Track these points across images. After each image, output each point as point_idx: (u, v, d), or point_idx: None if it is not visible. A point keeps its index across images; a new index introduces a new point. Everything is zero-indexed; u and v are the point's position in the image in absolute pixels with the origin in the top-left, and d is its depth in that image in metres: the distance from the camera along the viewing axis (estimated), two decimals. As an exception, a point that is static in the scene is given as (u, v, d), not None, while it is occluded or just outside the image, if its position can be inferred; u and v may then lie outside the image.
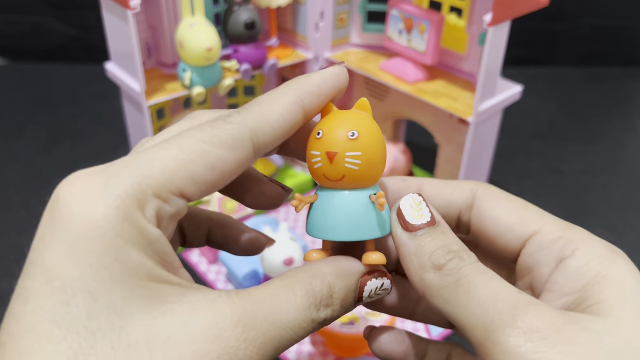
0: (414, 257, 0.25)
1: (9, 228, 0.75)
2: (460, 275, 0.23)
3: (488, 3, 0.60)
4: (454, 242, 0.25)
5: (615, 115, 1.08)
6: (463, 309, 0.23)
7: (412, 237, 0.25)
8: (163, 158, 0.22)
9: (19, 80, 1.15)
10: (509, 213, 0.27)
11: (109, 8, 0.59)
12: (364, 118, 0.27)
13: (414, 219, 0.25)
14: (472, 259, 0.24)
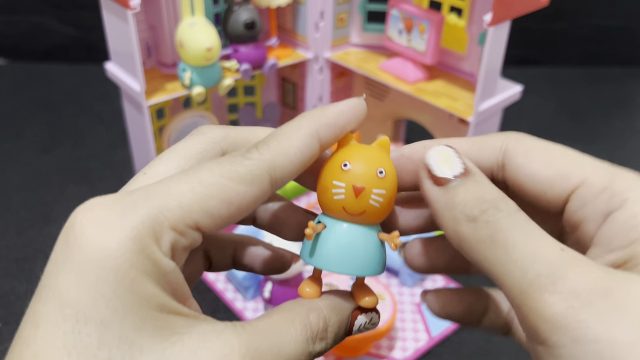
0: (446, 211, 0.23)
1: (9, 228, 0.75)
2: (497, 229, 0.22)
3: (488, 3, 0.60)
4: (489, 191, 0.23)
5: (615, 116, 1.08)
6: (500, 267, 0.21)
7: (443, 191, 0.24)
8: (182, 191, 0.22)
9: (19, 80, 1.15)
10: (546, 166, 0.25)
11: (109, 8, 0.59)
12: (387, 157, 0.27)
13: (444, 171, 0.24)
14: (511, 208, 0.22)
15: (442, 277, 0.68)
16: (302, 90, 0.78)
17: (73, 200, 0.81)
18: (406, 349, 0.59)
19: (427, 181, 0.24)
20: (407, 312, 0.63)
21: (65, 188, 0.83)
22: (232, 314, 0.63)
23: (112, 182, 0.85)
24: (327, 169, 0.26)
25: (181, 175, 0.23)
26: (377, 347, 0.59)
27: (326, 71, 0.75)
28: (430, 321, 0.62)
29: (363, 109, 0.26)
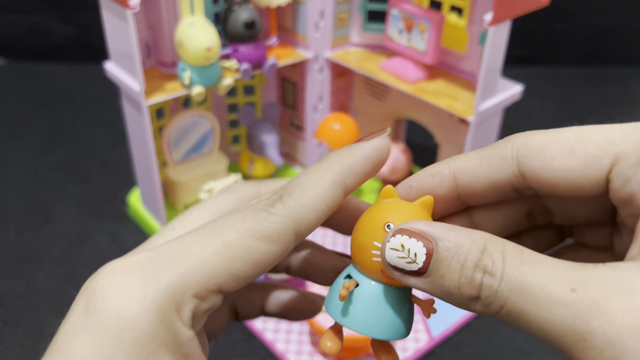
0: (447, 298, 0.21)
1: (8, 228, 0.75)
2: (502, 302, 0.20)
3: (488, 2, 0.60)
4: (467, 252, 0.21)
5: (616, 115, 1.08)
6: (532, 331, 0.20)
7: (429, 280, 0.21)
8: (205, 255, 0.22)
9: (18, 80, 1.15)
10: (570, 158, 0.22)
11: (108, 8, 0.58)
12: (429, 219, 0.25)
13: (412, 265, 0.22)
14: (498, 263, 0.20)
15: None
16: (302, 90, 0.77)
17: (72, 200, 0.81)
18: (406, 349, 0.59)
19: (407, 279, 0.22)
20: (407, 312, 0.63)
21: (65, 188, 0.83)
22: (232, 314, 0.63)
23: (111, 182, 0.85)
24: (367, 226, 0.24)
25: (204, 235, 0.22)
26: (377, 348, 0.59)
27: (326, 71, 0.75)
28: (431, 322, 0.62)
29: (388, 151, 0.25)
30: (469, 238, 0.21)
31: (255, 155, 0.78)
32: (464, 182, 0.25)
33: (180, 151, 0.74)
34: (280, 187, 0.24)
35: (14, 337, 0.60)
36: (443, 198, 0.25)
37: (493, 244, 0.21)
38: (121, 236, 0.74)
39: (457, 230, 0.22)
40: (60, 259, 0.70)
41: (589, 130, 0.23)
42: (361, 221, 0.25)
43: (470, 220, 0.27)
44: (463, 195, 0.25)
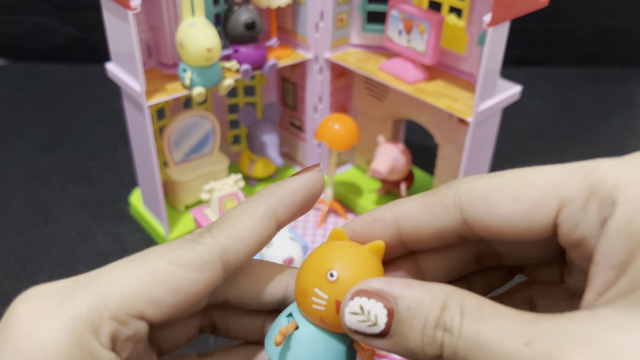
0: (413, 357, 0.21)
1: (9, 228, 0.75)
2: (461, 358, 0.20)
3: (488, 3, 0.60)
4: (426, 310, 0.20)
5: (614, 116, 1.09)
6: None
7: (392, 341, 0.21)
8: (126, 278, 0.21)
9: (19, 80, 1.15)
10: (515, 204, 0.22)
11: (109, 8, 0.59)
12: (378, 267, 0.24)
13: (374, 327, 0.21)
14: (456, 318, 0.20)
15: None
16: (302, 91, 0.78)
17: (74, 200, 0.81)
18: (406, 349, 0.59)
19: (370, 341, 0.21)
20: (406, 311, 0.63)
21: (66, 188, 0.83)
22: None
23: (112, 182, 0.85)
24: (310, 270, 0.24)
25: (128, 260, 0.22)
26: (377, 347, 0.59)
27: (326, 71, 0.75)
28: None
29: (321, 183, 0.25)
30: (428, 294, 0.21)
31: (256, 156, 0.78)
32: (407, 229, 0.24)
33: (181, 151, 0.74)
34: (211, 222, 0.24)
35: (16, 336, 0.60)
36: (387, 243, 0.25)
37: (452, 299, 0.20)
38: (122, 236, 0.74)
39: (416, 287, 0.21)
40: (61, 258, 0.70)
41: (532, 173, 0.23)
42: (306, 263, 0.24)
43: (417, 265, 0.27)
44: (406, 242, 0.25)
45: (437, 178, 0.74)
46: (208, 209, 0.69)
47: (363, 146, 0.84)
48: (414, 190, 0.80)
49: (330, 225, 0.77)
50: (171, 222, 0.72)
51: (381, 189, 0.80)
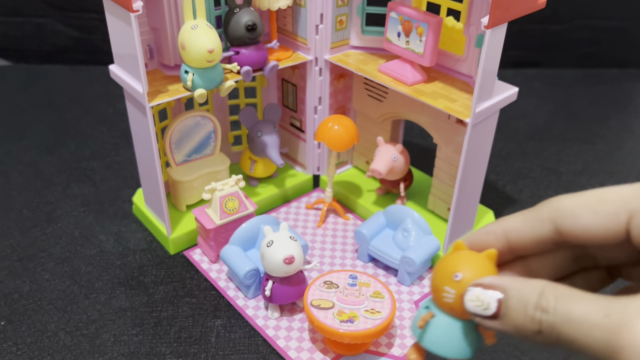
0: (518, 333, 0.29)
1: (12, 227, 0.76)
2: (557, 333, 0.27)
3: (485, 6, 0.61)
4: (527, 295, 0.28)
5: (612, 116, 1.09)
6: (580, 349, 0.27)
7: (502, 321, 0.29)
8: None
9: (22, 81, 1.16)
10: (594, 217, 0.30)
11: (111, 10, 0.59)
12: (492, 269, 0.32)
13: (487, 310, 0.30)
14: (550, 300, 0.28)
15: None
16: (302, 92, 0.78)
17: (76, 200, 0.81)
18: (405, 346, 0.60)
19: (484, 322, 0.30)
20: (405, 310, 0.64)
21: (68, 188, 0.84)
22: (233, 311, 0.64)
23: (114, 182, 0.86)
24: (440, 272, 0.33)
25: None
26: (376, 345, 0.60)
27: (326, 73, 0.76)
28: (429, 319, 0.63)
29: None
30: (528, 285, 0.29)
31: (256, 156, 0.79)
32: (513, 239, 0.33)
33: (183, 152, 0.75)
34: None
35: (18, 334, 0.61)
36: (498, 250, 0.33)
37: (548, 288, 0.28)
38: (124, 235, 0.75)
39: (520, 281, 0.29)
40: (63, 257, 0.71)
41: (607, 192, 0.30)
42: (437, 267, 0.33)
43: (527, 266, 0.35)
44: (513, 249, 0.33)
45: (436, 178, 0.74)
46: (209, 208, 0.69)
47: (362, 147, 0.84)
48: (413, 190, 0.81)
49: (330, 225, 0.78)
50: (173, 221, 0.73)
51: (380, 189, 0.81)
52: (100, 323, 0.62)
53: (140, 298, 0.65)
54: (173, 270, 0.70)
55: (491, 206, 0.79)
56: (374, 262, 0.72)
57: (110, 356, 0.58)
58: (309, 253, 0.73)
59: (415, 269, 0.65)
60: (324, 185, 0.85)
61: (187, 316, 0.63)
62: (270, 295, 0.60)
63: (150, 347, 0.59)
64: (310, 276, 0.69)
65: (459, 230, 0.71)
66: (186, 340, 0.60)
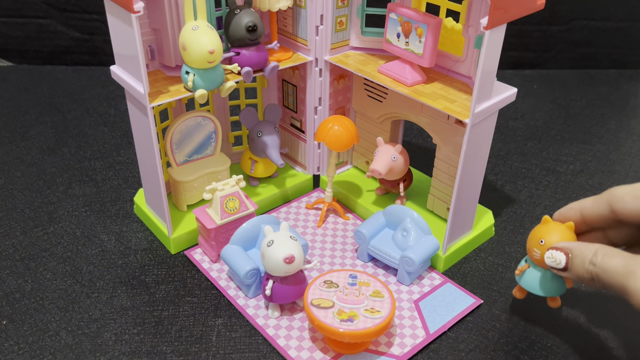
0: (579, 279, 0.50)
1: (14, 227, 0.76)
2: (601, 279, 0.47)
3: (485, 7, 0.61)
4: (585, 254, 0.49)
5: (610, 117, 1.10)
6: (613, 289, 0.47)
7: (570, 272, 0.51)
8: None
9: (24, 82, 1.16)
10: (636, 202, 0.50)
11: (113, 11, 0.60)
12: (570, 235, 0.55)
13: (559, 265, 0.51)
14: (597, 257, 0.48)
15: (440, 276, 0.70)
16: (302, 92, 0.79)
17: (77, 200, 0.82)
18: (404, 345, 0.60)
19: (558, 272, 0.52)
20: (405, 309, 0.64)
21: (70, 188, 0.85)
22: (234, 311, 0.64)
23: (115, 182, 0.86)
24: (532, 237, 0.56)
25: None
26: (376, 344, 0.60)
27: (326, 73, 0.76)
28: (428, 318, 0.63)
29: None
30: (587, 247, 0.49)
31: (257, 156, 0.80)
32: (585, 214, 0.54)
33: (184, 152, 0.75)
34: None
35: (20, 333, 0.61)
36: (576, 222, 0.55)
37: (600, 249, 0.48)
38: (125, 235, 0.75)
39: (582, 244, 0.50)
40: (65, 257, 0.71)
41: None
42: (531, 234, 0.57)
43: (606, 236, 0.56)
44: (587, 222, 0.54)
45: (435, 178, 0.75)
46: (210, 208, 0.70)
47: (362, 147, 0.85)
48: (412, 190, 0.81)
49: (330, 225, 0.78)
50: (174, 221, 0.73)
51: (379, 189, 0.81)
52: (102, 322, 0.62)
53: (142, 297, 0.66)
54: (174, 269, 0.70)
55: (490, 206, 0.80)
56: (373, 262, 0.72)
57: (112, 355, 0.59)
58: (309, 253, 0.73)
59: (415, 268, 0.66)
60: (324, 185, 0.86)
61: (188, 315, 0.64)
62: (271, 295, 0.61)
63: (152, 346, 0.60)
64: (310, 276, 0.69)
65: (458, 230, 0.71)
66: (187, 339, 0.61)
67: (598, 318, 0.64)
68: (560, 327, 0.63)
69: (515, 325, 0.63)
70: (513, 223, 0.80)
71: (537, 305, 0.66)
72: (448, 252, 0.70)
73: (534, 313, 0.65)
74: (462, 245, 0.72)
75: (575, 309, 0.66)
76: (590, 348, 0.61)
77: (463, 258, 0.73)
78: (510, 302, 0.66)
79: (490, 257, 0.73)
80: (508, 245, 0.75)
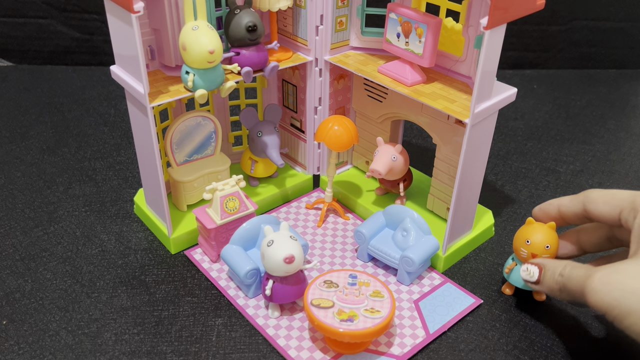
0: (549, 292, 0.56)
1: (14, 227, 0.76)
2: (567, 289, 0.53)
3: (485, 7, 0.61)
4: (554, 268, 0.55)
5: (609, 117, 1.10)
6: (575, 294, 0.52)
7: (541, 284, 0.57)
8: None
9: (24, 82, 1.16)
10: (605, 206, 0.56)
11: (113, 11, 0.60)
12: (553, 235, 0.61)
13: (532, 278, 0.58)
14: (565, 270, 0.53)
15: (440, 276, 0.70)
16: (302, 92, 0.79)
17: (77, 200, 0.82)
18: (404, 345, 0.60)
19: (531, 286, 0.58)
20: (405, 309, 0.65)
21: (70, 188, 0.85)
22: (234, 310, 0.64)
23: (116, 182, 0.86)
24: (518, 238, 0.63)
25: None
26: (376, 344, 0.60)
27: (326, 73, 0.76)
28: (428, 318, 0.63)
29: None
30: (558, 263, 0.55)
31: (257, 156, 0.80)
32: (563, 211, 0.61)
33: (184, 152, 0.75)
34: None
35: (20, 333, 0.61)
36: (553, 217, 0.62)
37: (568, 264, 0.54)
38: (125, 235, 0.75)
39: (553, 261, 0.56)
40: (65, 257, 0.71)
41: (620, 192, 0.56)
42: (516, 235, 0.63)
43: (577, 239, 0.63)
44: (564, 218, 0.61)
45: (435, 178, 0.75)
46: (210, 208, 0.70)
47: (362, 147, 0.85)
48: (412, 190, 0.81)
49: (330, 225, 0.78)
50: (174, 221, 0.73)
51: (379, 189, 0.81)
52: (102, 322, 0.63)
53: (142, 297, 0.66)
54: (174, 269, 0.70)
55: (490, 206, 0.80)
56: (373, 262, 0.72)
57: (112, 355, 0.59)
58: (309, 253, 0.73)
59: (415, 268, 0.66)
60: (324, 185, 0.86)
61: (188, 315, 0.64)
62: (271, 295, 0.61)
63: (152, 346, 0.60)
64: (310, 275, 0.69)
65: (458, 230, 0.71)
66: (187, 339, 0.61)
67: (598, 318, 0.65)
68: (560, 327, 0.63)
69: (515, 325, 0.63)
70: (513, 223, 0.80)
71: (537, 305, 0.66)
72: (448, 252, 0.70)
73: (534, 313, 0.65)
74: (462, 245, 0.72)
75: (575, 309, 0.66)
76: (590, 348, 0.61)
77: (463, 258, 0.73)
78: (510, 302, 0.66)
79: (490, 257, 0.73)
80: (508, 245, 0.75)
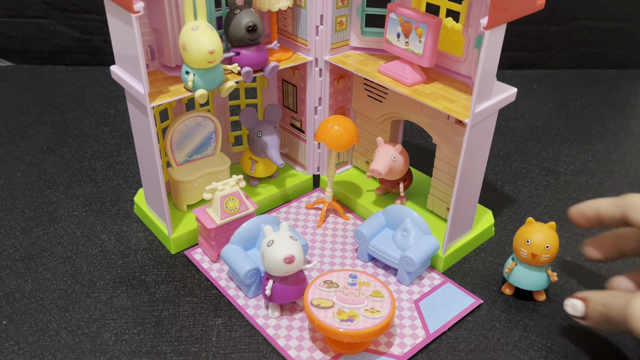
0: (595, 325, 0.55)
1: (14, 227, 0.76)
2: (609, 316, 0.52)
3: (485, 6, 0.61)
4: (598, 302, 0.54)
5: (610, 117, 1.10)
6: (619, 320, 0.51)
7: (587, 320, 0.55)
8: None
9: (24, 82, 1.16)
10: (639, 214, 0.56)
11: (113, 11, 0.60)
12: (553, 234, 0.62)
13: (577, 313, 0.56)
14: (606, 302, 0.53)
15: (440, 276, 0.70)
16: (302, 92, 0.79)
17: (77, 200, 0.82)
18: (404, 345, 0.60)
19: (577, 320, 0.56)
20: (405, 309, 0.65)
21: (70, 188, 0.85)
22: (234, 310, 0.64)
23: (116, 182, 0.86)
24: (518, 238, 0.63)
25: None
26: (376, 344, 0.60)
27: (326, 74, 0.76)
28: (428, 318, 0.63)
29: None
30: (599, 295, 0.54)
31: (257, 156, 0.80)
32: (601, 213, 0.59)
33: (184, 152, 0.75)
34: None
35: (20, 333, 0.61)
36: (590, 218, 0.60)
37: (610, 295, 0.53)
38: (125, 235, 0.75)
39: (594, 293, 0.55)
40: (65, 257, 0.72)
41: None
42: (516, 235, 0.63)
43: (616, 245, 0.62)
44: (600, 220, 0.59)
45: (435, 178, 0.75)
46: (210, 208, 0.70)
47: (362, 147, 0.85)
48: (412, 190, 0.81)
49: (330, 225, 0.78)
50: (174, 221, 0.73)
51: (379, 189, 0.81)
52: (102, 322, 0.63)
53: (142, 297, 0.66)
54: (174, 269, 0.70)
55: (490, 206, 0.80)
56: (373, 262, 0.72)
57: (112, 355, 0.59)
58: (309, 253, 0.73)
59: (415, 268, 0.66)
60: (324, 185, 0.86)
61: (188, 315, 0.64)
62: (271, 295, 0.61)
63: (152, 346, 0.60)
64: (310, 275, 0.69)
65: (458, 230, 0.71)
66: (187, 339, 0.61)
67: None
68: (560, 326, 0.63)
69: (515, 325, 0.63)
70: (513, 223, 0.80)
71: (537, 305, 0.66)
72: (448, 252, 0.70)
73: (534, 313, 0.65)
74: (462, 245, 0.72)
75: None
76: (590, 348, 0.61)
77: (463, 258, 0.73)
78: (510, 302, 0.66)
79: (490, 257, 0.73)
80: (508, 245, 0.75)
